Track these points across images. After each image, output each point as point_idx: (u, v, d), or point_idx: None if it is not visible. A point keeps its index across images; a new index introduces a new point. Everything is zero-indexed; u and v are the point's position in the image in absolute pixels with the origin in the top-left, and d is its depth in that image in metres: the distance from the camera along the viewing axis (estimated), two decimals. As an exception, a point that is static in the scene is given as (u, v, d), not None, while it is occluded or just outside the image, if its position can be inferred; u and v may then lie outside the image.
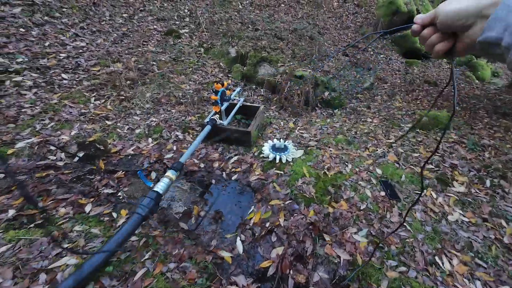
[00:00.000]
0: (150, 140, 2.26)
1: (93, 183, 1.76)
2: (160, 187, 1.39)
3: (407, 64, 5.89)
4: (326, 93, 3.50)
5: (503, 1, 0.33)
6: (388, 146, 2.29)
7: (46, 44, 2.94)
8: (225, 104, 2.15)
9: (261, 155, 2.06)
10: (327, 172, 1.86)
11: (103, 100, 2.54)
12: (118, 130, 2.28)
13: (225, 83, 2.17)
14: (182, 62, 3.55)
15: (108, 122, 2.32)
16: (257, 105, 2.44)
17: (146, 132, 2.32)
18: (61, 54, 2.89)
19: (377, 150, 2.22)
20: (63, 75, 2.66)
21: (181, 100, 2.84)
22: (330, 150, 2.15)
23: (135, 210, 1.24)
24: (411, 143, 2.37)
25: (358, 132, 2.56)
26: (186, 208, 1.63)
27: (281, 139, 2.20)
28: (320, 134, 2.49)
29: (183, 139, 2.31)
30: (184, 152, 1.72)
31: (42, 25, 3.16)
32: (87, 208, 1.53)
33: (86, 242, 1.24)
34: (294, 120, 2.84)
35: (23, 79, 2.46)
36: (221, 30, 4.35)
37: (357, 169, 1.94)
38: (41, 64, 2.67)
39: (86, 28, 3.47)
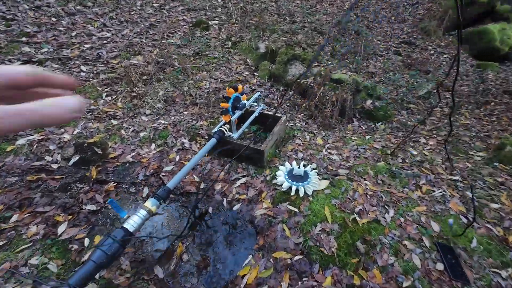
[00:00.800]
0: (153, 146, 2.01)
1: (79, 195, 1.56)
2: (131, 223, 1.10)
3: (480, 68, 4.75)
4: (369, 102, 2.88)
5: None
6: (451, 187, 1.67)
7: (73, 34, 2.90)
8: (237, 113, 1.78)
9: (274, 181, 1.65)
10: (358, 219, 1.38)
11: (115, 96, 2.38)
12: (123, 131, 2.09)
13: (240, 87, 1.79)
14: (206, 56, 3.25)
15: (114, 122, 2.14)
16: (278, 114, 2.02)
17: (151, 137, 2.08)
18: (85, 45, 2.82)
19: (433, 191, 1.63)
20: (82, 67, 2.57)
21: (197, 100, 2.55)
22: (366, 184, 1.64)
23: (90, 256, 0.96)
24: (486, 185, 1.71)
25: (406, 160, 1.97)
26: (168, 245, 1.32)
27: (302, 162, 1.75)
28: (354, 157, 1.97)
29: (188, 148, 2.02)
30: (184, 166, 1.40)
31: (73, 15, 3.15)
32: (61, 229, 1.32)
33: (34, 283, 1.01)
34: (323, 134, 2.34)
35: (43, 69, 2.42)
36: (253, 22, 3.94)
37: (402, 219, 1.41)
38: (64, 55, 2.62)
39: (115, 18, 3.39)
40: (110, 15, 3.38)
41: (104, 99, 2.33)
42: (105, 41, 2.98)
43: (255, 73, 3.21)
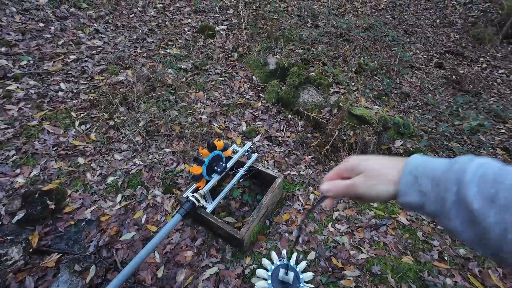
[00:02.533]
0: (119, 198, 1.66)
1: (7, 274, 1.26)
2: None
3: (549, 92, 3.82)
4: (398, 142, 2.29)
5: (404, 169, 0.34)
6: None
7: (60, 42, 2.60)
8: (214, 178, 1.35)
9: (253, 280, 1.22)
10: None
11: (89, 125, 2.06)
12: (88, 175, 1.76)
13: (220, 143, 1.35)
14: (206, 71, 2.82)
15: (81, 161, 1.82)
16: (271, 172, 1.55)
17: (119, 184, 1.73)
18: (70, 56, 2.52)
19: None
20: (62, 85, 2.27)
21: (185, 131, 2.15)
22: (382, 303, 1.15)
23: None
24: None
25: (445, 254, 1.42)
26: None
27: (295, 254, 1.30)
28: (370, 241, 1.46)
29: (159, 205, 1.64)
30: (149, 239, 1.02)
31: (64, 19, 2.85)
32: None
33: None
34: (333, 192, 1.83)
35: (17, 87, 2.15)
36: (267, 27, 3.40)
37: None
38: (44, 69, 2.34)
39: (111, 22, 3.05)
40: (106, 19, 3.04)
41: (76, 128, 2.01)
42: (94, 51, 2.65)
43: (261, 94, 2.73)
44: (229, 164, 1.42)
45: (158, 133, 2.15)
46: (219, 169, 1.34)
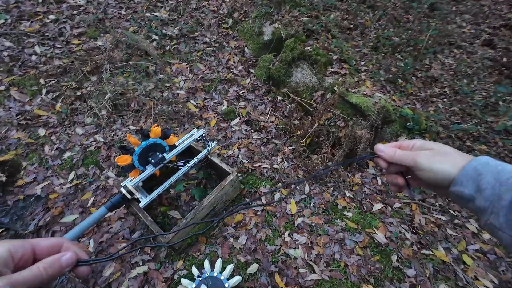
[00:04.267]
0: (71, 176, 1.58)
1: None
2: None
3: None
4: (403, 139, 1.90)
5: (469, 163, 0.34)
6: None
7: (40, 0, 2.42)
8: (149, 170, 1.17)
9: (178, 287, 1.10)
10: None
11: (56, 94, 1.94)
12: (46, 148, 1.68)
13: (158, 130, 1.14)
14: (193, 40, 2.51)
15: (41, 132, 1.74)
16: (226, 168, 1.33)
17: (74, 161, 1.64)
18: (50, 16, 2.35)
19: None
20: (36, 48, 2.14)
21: (158, 107, 1.96)
22: None
23: None
24: None
25: (419, 286, 1.16)
26: None
27: (230, 266, 1.13)
28: (329, 261, 1.23)
29: (110, 188, 1.53)
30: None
31: (47, -28, 2.62)
32: None
33: None
34: (306, 192, 1.58)
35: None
36: (273, -12, 2.87)
37: None
38: (21, 30, 2.21)
39: (97, -23, 2.76)
40: (92, -26, 2.75)
41: (42, 97, 1.91)
42: (75, 11, 2.44)
43: (251, 70, 2.39)
44: (171, 154, 1.22)
45: (128, 108, 1.98)
46: (153, 161, 1.15)
